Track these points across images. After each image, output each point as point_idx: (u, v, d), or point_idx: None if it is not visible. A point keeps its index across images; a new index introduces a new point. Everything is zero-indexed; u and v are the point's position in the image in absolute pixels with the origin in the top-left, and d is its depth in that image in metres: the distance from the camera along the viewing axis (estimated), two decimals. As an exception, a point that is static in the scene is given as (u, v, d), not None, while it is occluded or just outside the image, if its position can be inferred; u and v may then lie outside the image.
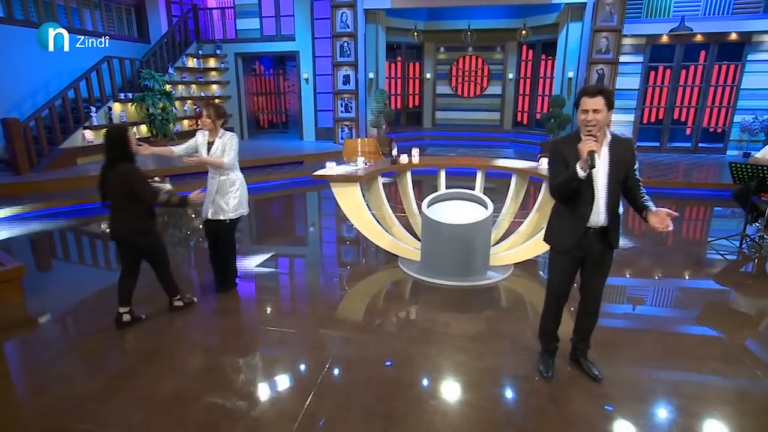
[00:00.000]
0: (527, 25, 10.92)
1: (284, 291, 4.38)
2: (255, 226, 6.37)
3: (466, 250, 4.30)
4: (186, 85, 11.29)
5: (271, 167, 8.95)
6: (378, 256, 5.05)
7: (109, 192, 3.21)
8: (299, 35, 11.19)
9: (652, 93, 10.18)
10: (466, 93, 12.79)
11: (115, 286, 3.48)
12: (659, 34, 9.44)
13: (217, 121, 3.71)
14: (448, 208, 4.56)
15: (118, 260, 3.75)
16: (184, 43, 11.37)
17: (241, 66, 11.85)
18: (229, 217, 3.82)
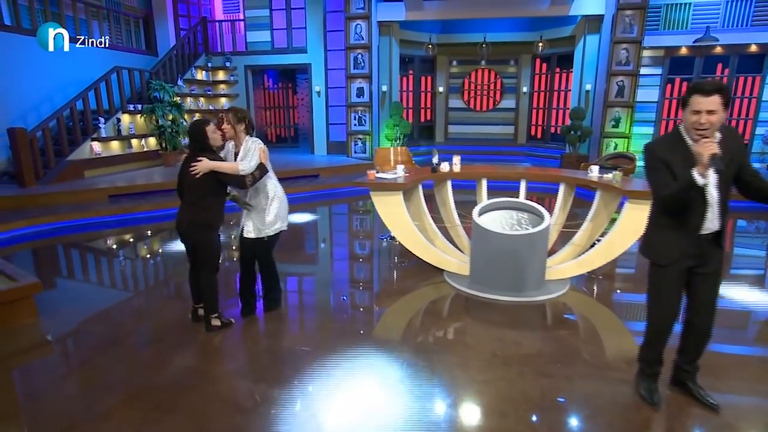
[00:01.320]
0: (542, 38, 10.83)
1: (327, 310, 4.00)
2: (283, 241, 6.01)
3: (523, 263, 4.01)
4: (195, 98, 11.04)
5: (287, 180, 8.63)
6: (416, 270, 4.73)
7: (187, 183, 3.14)
8: (311, 47, 11.04)
9: (670, 105, 10.05)
10: (479, 107, 12.63)
11: (128, 304, 3.35)
12: (678, 46, 9.36)
13: (237, 126, 3.33)
14: (499, 218, 4.28)
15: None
16: (193, 55, 11.16)
17: (250, 79, 11.66)
18: (266, 234, 3.43)
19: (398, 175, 4.64)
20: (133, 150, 9.18)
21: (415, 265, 4.83)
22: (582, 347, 3.24)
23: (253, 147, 3.31)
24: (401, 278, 4.66)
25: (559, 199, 4.80)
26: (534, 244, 3.98)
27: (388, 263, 5.13)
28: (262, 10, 11.20)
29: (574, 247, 4.56)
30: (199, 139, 3.16)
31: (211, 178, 3.11)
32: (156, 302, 4.20)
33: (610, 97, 9.54)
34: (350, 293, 4.33)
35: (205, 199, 3.15)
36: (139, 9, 10.94)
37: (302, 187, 8.28)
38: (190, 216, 3.16)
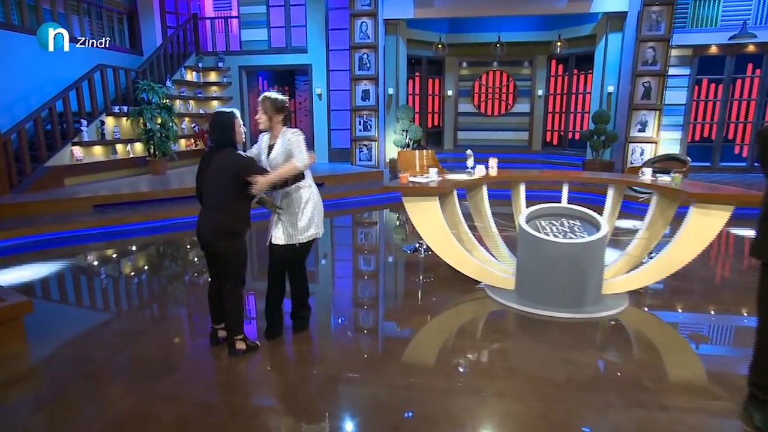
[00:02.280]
0: (561, 37, 10.83)
1: (358, 331, 3.74)
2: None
3: (582, 275, 3.82)
4: (184, 101, 10.81)
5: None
6: (449, 284, 4.54)
7: (208, 183, 2.92)
8: (312, 47, 10.92)
9: (697, 108, 10.05)
10: (491, 111, 12.59)
11: (130, 327, 3.15)
12: (708, 44, 9.39)
13: (275, 117, 3.10)
14: (548, 225, 4.09)
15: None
16: (182, 54, 10.96)
17: (245, 80, 11.47)
18: (299, 240, 3.21)
19: (432, 179, 4.44)
20: (118, 156, 8.89)
21: (447, 278, 4.66)
22: (665, 370, 3.01)
23: (296, 139, 3.10)
24: (435, 294, 4.44)
25: (607, 206, 4.63)
26: (593, 253, 3.79)
27: (416, 277, 4.93)
28: (258, 7, 11.08)
29: (628, 258, 4.37)
30: (226, 133, 2.92)
31: (234, 177, 2.87)
32: (164, 324, 3.90)
33: (636, 100, 9.50)
34: (381, 312, 4.08)
35: (229, 202, 2.92)
36: (122, 4, 10.74)
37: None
38: (213, 222, 2.93)
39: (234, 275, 3.02)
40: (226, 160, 2.88)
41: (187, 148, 10.84)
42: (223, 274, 3.04)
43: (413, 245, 5.69)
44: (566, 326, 3.60)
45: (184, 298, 4.50)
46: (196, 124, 11.18)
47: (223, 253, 2.96)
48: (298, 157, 3.06)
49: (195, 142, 11.00)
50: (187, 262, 5.58)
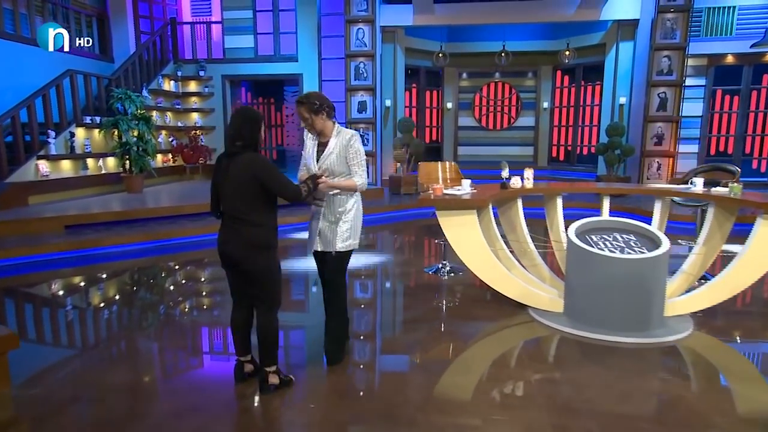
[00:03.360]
0: (569, 46, 11.02)
1: (404, 361, 3.52)
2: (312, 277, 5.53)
3: (642, 295, 3.72)
4: (161, 112, 10.56)
5: (283, 209, 8.15)
6: (483, 308, 4.48)
7: (229, 193, 2.71)
8: (303, 55, 10.88)
9: (712, 120, 10.27)
10: (493, 125, 12.67)
11: (135, 363, 3.00)
12: (724, 53, 9.67)
13: (317, 119, 3.03)
14: (600, 240, 3.99)
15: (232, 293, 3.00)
16: (160, 62, 10.76)
17: (229, 91, 11.33)
18: (337, 249, 3.14)
19: (466, 191, 4.34)
20: (89, 172, 8.55)
21: (481, 301, 4.62)
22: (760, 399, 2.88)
23: (358, 148, 3.07)
24: (472, 318, 4.29)
25: (655, 220, 4.57)
26: (657, 270, 3.69)
27: (446, 301, 4.78)
28: (243, 12, 11.01)
29: (686, 276, 4.28)
30: (253, 132, 2.73)
31: (259, 184, 2.68)
32: (174, 358, 3.62)
33: (651, 111, 9.67)
34: (418, 339, 3.87)
35: (257, 212, 2.72)
36: (91, 6, 10.54)
37: (303, 217, 7.79)
38: (243, 235, 2.72)
39: (269, 296, 2.81)
40: (251, 165, 2.68)
41: (164, 164, 10.55)
42: (256, 296, 2.83)
43: (436, 266, 5.53)
44: (634, 353, 3.47)
45: (193, 328, 4.20)
46: (174, 138, 10.91)
47: (256, 270, 2.75)
48: (360, 177, 3.09)
49: (173, 157, 10.72)
50: (182, 288, 5.28)
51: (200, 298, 4.99)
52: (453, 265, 5.56)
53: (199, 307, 4.73)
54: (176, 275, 5.76)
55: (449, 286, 5.19)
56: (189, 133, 10.84)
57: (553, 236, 4.85)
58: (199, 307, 4.75)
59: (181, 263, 6.11)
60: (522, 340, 3.87)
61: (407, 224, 8.41)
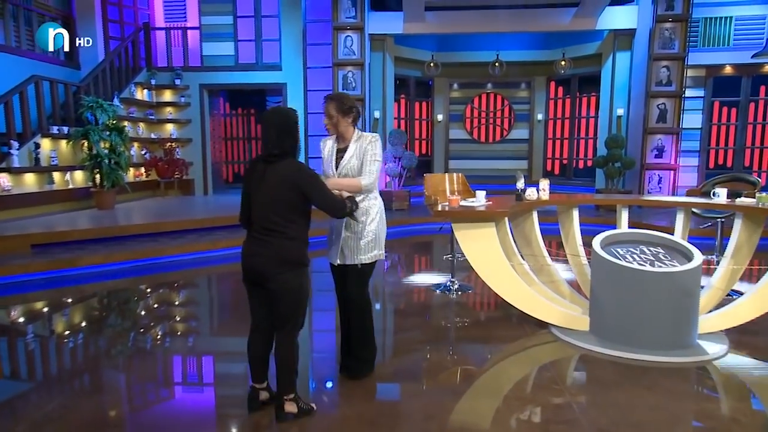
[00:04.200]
0: (565, 56, 11.23)
1: (427, 383, 3.40)
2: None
3: (676, 311, 3.70)
4: (133, 123, 10.33)
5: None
6: (505, 325, 4.43)
7: (264, 201, 2.60)
8: (287, 64, 10.85)
9: (710, 132, 10.52)
10: (485, 138, 12.77)
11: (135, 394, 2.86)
12: (722, 64, 9.98)
13: (343, 120, 3.04)
14: (627, 254, 3.97)
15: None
16: (132, 69, 10.58)
17: (207, 101, 11.20)
18: (361, 261, 3.10)
19: (481, 203, 4.30)
20: (56, 186, 8.25)
21: (496, 320, 4.62)
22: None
23: (374, 149, 3.02)
24: (491, 338, 4.21)
25: (677, 231, 4.59)
26: (691, 284, 3.68)
27: (459, 320, 4.74)
28: (223, 17, 10.96)
29: (714, 291, 4.29)
30: (292, 136, 2.65)
31: (300, 195, 2.60)
32: (171, 388, 3.42)
33: (651, 123, 9.88)
34: (436, 360, 3.79)
35: (294, 225, 2.63)
36: (55, 8, 10.34)
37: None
38: (274, 250, 2.61)
39: (294, 317, 2.69)
40: (290, 173, 2.60)
41: (136, 179, 10.30)
42: (280, 317, 2.68)
43: (444, 284, 5.46)
44: (673, 372, 3.43)
45: (194, 355, 4.01)
46: (147, 151, 10.68)
47: (285, 289, 2.63)
48: (367, 177, 3.01)
49: (146, 171, 10.47)
50: (160, 312, 5.07)
51: (185, 323, 4.79)
52: (462, 282, 5.52)
53: (179, 333, 4.54)
54: (154, 297, 5.56)
55: (461, 304, 5.14)
56: (164, 145, 10.63)
57: (569, 250, 4.85)
58: (180, 333, 4.56)
59: (161, 284, 5.91)
60: (549, 360, 3.81)
61: (402, 241, 8.34)
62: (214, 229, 7.38)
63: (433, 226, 8.07)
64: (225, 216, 7.82)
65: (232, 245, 6.88)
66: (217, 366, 3.85)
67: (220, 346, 4.23)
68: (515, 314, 4.57)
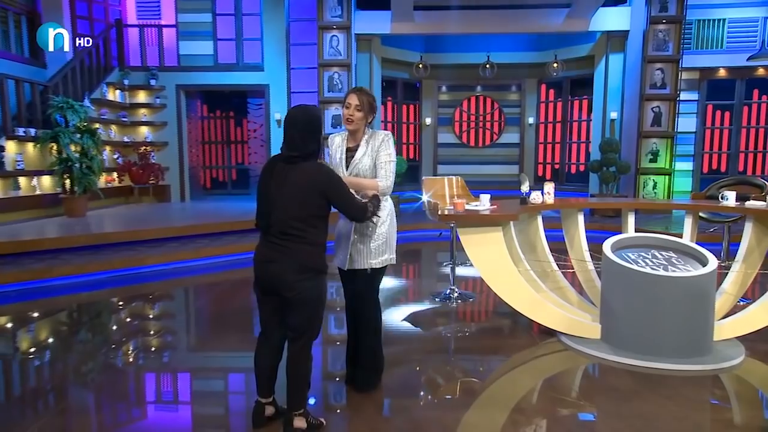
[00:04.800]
0: (557, 58, 11.37)
1: (443, 398, 3.34)
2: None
3: (692, 317, 3.72)
4: (105, 125, 10.13)
5: (251, 233, 7.90)
6: (510, 334, 4.48)
7: (283, 204, 2.55)
8: (270, 64, 10.80)
9: (704, 136, 10.74)
10: (474, 142, 12.83)
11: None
12: (715, 67, 10.21)
13: (362, 117, 3.05)
14: (638, 258, 3.99)
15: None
16: (104, 68, 10.40)
17: (184, 102, 11.07)
18: (371, 265, 3.06)
19: (486, 207, 4.29)
20: (21, 192, 8.02)
21: (500, 329, 4.66)
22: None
23: (392, 149, 3.03)
24: (498, 348, 4.21)
25: (686, 235, 4.65)
26: (706, 289, 3.70)
27: (462, 330, 4.72)
28: (201, 15, 10.87)
29: (726, 297, 4.33)
30: (316, 137, 2.60)
31: (322, 198, 2.57)
32: (144, 408, 3.29)
33: (645, 126, 10.04)
34: (444, 374, 3.74)
35: (314, 230, 2.59)
36: (20, 3, 10.11)
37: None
38: (293, 256, 2.55)
39: (310, 328, 2.64)
40: (314, 176, 2.56)
41: (108, 185, 10.08)
42: (296, 327, 2.62)
43: (444, 292, 5.43)
44: (691, 381, 3.44)
45: (137, 375, 3.88)
46: (120, 155, 10.47)
47: (303, 297, 2.56)
48: (384, 179, 3.00)
49: (119, 177, 10.27)
50: (145, 327, 4.93)
51: (163, 338, 4.66)
52: (462, 291, 5.50)
53: (157, 348, 4.40)
54: (131, 310, 5.42)
55: (463, 313, 5.13)
56: (138, 149, 10.45)
57: (574, 256, 4.87)
58: (157, 348, 4.43)
59: (139, 296, 5.76)
60: (561, 369, 3.80)
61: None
62: (195, 237, 7.25)
63: (428, 233, 8.08)
64: (207, 223, 7.72)
65: (216, 254, 6.86)
66: (196, 384, 3.74)
67: (200, 363, 4.09)
68: (521, 322, 4.58)
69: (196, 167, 11.65)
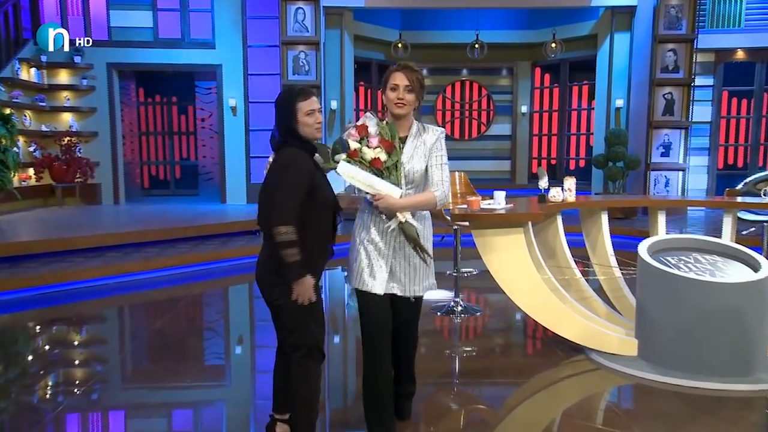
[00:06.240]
0: (556, 36, 11.53)
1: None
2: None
3: (742, 330, 3.77)
4: (18, 111, 9.74)
5: (207, 240, 7.76)
6: (530, 351, 4.57)
7: (260, 200, 2.73)
8: (222, 41, 10.66)
9: (719, 127, 11.09)
10: (460, 134, 12.92)
11: None
12: (732, 48, 10.55)
13: (413, 98, 2.77)
14: (680, 263, 4.05)
15: None
16: (14, 42, 10.03)
17: (117, 84, 10.83)
18: (415, 292, 2.91)
19: (502, 206, 4.29)
20: None
21: (516, 346, 4.81)
22: None
23: (445, 150, 2.88)
24: (520, 368, 4.25)
25: (725, 237, 4.76)
26: (760, 297, 3.76)
27: (472, 348, 4.76)
28: (137, -20, 10.62)
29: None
30: (283, 120, 2.66)
31: None
32: None
33: (656, 116, 10.27)
34: (464, 398, 3.73)
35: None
36: None
37: (240, 250, 7.42)
38: (266, 256, 2.74)
39: (297, 342, 2.68)
40: (271, 167, 2.71)
41: (23, 184, 9.70)
42: (280, 339, 2.83)
43: (447, 305, 5.41)
44: (751, 403, 3.54)
45: (94, 414, 3.73)
46: (38, 147, 10.11)
47: (277, 306, 2.69)
48: (439, 183, 2.82)
49: (37, 174, 9.89)
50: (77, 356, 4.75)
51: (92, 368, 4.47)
52: (467, 303, 5.50)
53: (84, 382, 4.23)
54: (57, 335, 5.32)
55: (471, 329, 5.16)
56: (60, 140, 10.12)
57: (597, 261, 4.91)
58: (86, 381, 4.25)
59: (74, 317, 5.65)
60: (598, 391, 3.85)
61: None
62: (142, 246, 7.09)
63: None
64: (156, 229, 7.62)
65: (170, 264, 6.68)
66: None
67: (139, 398, 3.98)
68: (539, 339, 4.61)
69: (132, 163, 11.43)
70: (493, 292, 5.28)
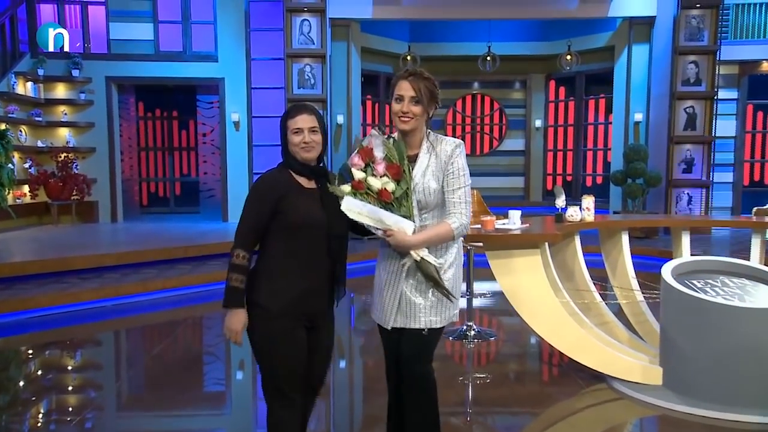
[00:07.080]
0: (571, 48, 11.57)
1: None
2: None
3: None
4: (14, 126, 9.84)
5: (208, 260, 7.78)
6: (548, 379, 4.53)
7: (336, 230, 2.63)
8: (225, 54, 10.77)
9: (744, 142, 11.06)
10: (471, 149, 12.93)
11: None
12: (757, 60, 10.55)
13: (422, 111, 2.56)
14: (706, 287, 4.01)
15: None
16: (11, 55, 10.21)
17: (116, 99, 10.94)
18: (430, 323, 2.63)
19: (517, 226, 4.29)
20: None
21: (532, 373, 4.78)
22: None
23: (465, 163, 2.67)
24: (539, 397, 4.20)
25: (753, 258, 4.72)
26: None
27: (487, 375, 4.67)
28: (138, -9, 10.78)
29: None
30: (281, 140, 2.64)
31: None
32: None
33: (677, 130, 10.24)
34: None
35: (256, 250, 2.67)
36: None
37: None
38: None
39: (264, 381, 2.63)
40: None
41: (18, 201, 9.77)
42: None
43: (459, 329, 5.38)
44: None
45: None
46: (33, 164, 10.20)
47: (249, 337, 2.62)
48: (458, 216, 2.57)
49: (32, 192, 9.96)
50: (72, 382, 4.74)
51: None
52: (481, 328, 5.47)
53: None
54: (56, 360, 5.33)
55: (485, 354, 5.13)
56: (57, 156, 10.20)
57: (618, 284, 4.89)
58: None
59: (71, 341, 5.67)
60: (622, 422, 3.84)
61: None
62: (141, 266, 7.11)
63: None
64: (156, 249, 7.64)
65: (170, 286, 6.70)
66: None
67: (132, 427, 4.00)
68: (557, 365, 4.56)
69: (131, 180, 11.51)
70: (507, 316, 5.27)
